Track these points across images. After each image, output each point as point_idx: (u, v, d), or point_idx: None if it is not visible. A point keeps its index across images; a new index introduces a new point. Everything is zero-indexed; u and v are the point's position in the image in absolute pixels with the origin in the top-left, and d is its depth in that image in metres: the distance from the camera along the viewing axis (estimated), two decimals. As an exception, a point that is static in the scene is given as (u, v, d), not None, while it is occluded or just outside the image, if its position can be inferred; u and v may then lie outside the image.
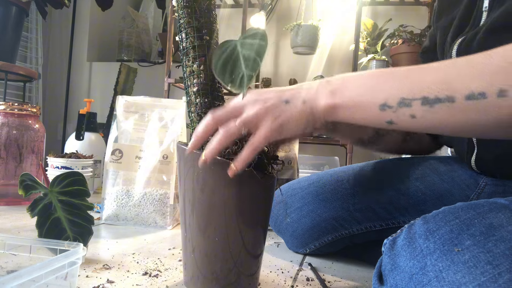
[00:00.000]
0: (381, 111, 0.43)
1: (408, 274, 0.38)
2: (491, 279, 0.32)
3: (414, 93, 0.40)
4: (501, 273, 0.32)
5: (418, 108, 0.40)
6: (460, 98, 0.38)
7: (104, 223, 0.97)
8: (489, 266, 0.33)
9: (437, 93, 0.39)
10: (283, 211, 0.81)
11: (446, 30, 0.68)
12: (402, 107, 0.41)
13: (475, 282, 0.33)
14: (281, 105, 0.48)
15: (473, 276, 0.33)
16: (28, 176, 0.61)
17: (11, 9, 1.55)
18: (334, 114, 0.46)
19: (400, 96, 0.41)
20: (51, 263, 0.42)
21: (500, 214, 0.38)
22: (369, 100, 0.43)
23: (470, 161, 0.67)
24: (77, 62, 2.38)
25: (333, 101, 0.46)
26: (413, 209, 0.71)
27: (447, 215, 0.40)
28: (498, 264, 0.33)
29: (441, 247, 0.37)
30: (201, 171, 0.52)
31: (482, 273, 0.33)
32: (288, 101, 0.48)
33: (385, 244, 0.44)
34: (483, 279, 0.32)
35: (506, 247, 0.34)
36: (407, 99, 0.41)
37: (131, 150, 0.99)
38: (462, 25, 0.63)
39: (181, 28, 0.55)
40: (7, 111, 1.15)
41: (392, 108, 0.42)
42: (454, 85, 0.38)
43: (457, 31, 0.64)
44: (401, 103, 0.41)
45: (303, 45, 1.85)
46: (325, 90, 0.46)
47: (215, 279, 0.53)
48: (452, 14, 0.68)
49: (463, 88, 0.37)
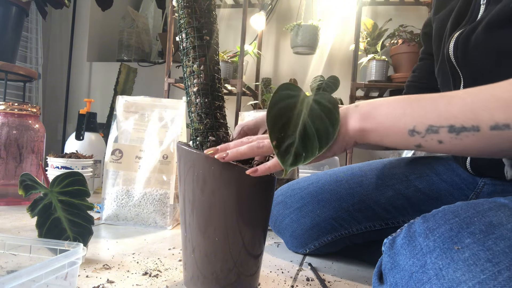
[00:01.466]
0: (410, 136, 0.45)
1: (408, 273, 0.38)
2: (490, 276, 0.32)
3: (441, 122, 0.43)
4: (500, 271, 0.32)
5: (445, 135, 0.43)
6: (485, 128, 0.40)
7: (104, 223, 0.97)
8: (488, 264, 0.33)
9: (463, 122, 0.41)
10: (282, 211, 0.81)
11: (444, 22, 0.68)
12: (430, 133, 0.44)
13: (475, 280, 0.33)
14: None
15: (473, 274, 0.33)
16: (28, 176, 0.61)
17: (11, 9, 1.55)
18: (364, 137, 0.49)
19: (428, 123, 0.44)
20: (51, 263, 0.43)
21: (499, 212, 0.39)
22: (400, 125, 0.46)
23: (465, 164, 0.67)
24: (77, 62, 2.38)
25: (364, 126, 0.48)
26: (412, 209, 0.71)
27: (446, 214, 0.40)
28: (498, 262, 0.33)
29: (441, 245, 0.37)
30: (201, 171, 0.52)
31: (482, 270, 0.33)
32: None
33: (385, 243, 0.44)
34: (483, 277, 0.33)
35: (506, 245, 0.34)
36: (434, 126, 0.43)
37: (131, 150, 0.99)
38: (460, 17, 0.63)
39: (181, 28, 0.55)
40: (7, 111, 1.15)
41: (421, 134, 0.44)
42: (480, 116, 0.40)
43: (455, 23, 0.64)
44: (429, 130, 0.44)
45: (303, 45, 1.85)
46: (355, 115, 0.49)
47: (215, 279, 0.53)
48: (450, 6, 0.68)
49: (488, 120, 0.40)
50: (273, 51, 2.18)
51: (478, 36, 0.57)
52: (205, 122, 0.55)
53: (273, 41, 2.18)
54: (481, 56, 0.56)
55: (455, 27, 0.63)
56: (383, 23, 1.76)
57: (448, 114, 0.42)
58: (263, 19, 1.95)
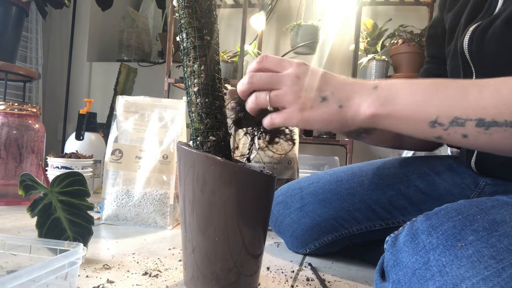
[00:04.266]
0: (431, 127, 0.41)
1: (411, 270, 0.38)
2: (494, 273, 0.32)
3: (468, 113, 0.39)
4: (504, 268, 0.32)
5: (471, 128, 0.39)
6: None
7: (104, 223, 0.97)
8: (492, 261, 0.33)
9: (494, 116, 0.38)
10: (283, 211, 0.81)
11: (458, 15, 0.65)
12: (455, 126, 0.40)
13: (479, 276, 0.33)
14: (316, 100, 0.46)
15: (476, 271, 0.33)
16: (28, 176, 0.61)
17: (11, 9, 1.55)
18: (375, 123, 0.45)
19: (453, 115, 0.40)
20: (51, 263, 0.42)
21: (502, 210, 0.38)
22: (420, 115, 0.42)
23: (470, 163, 0.67)
24: (77, 62, 2.38)
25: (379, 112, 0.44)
26: (413, 208, 0.71)
27: (449, 212, 0.40)
28: (502, 258, 0.33)
29: (444, 243, 0.37)
30: (201, 171, 0.52)
31: (486, 267, 0.33)
32: (325, 98, 0.46)
33: (387, 241, 0.44)
34: (486, 273, 0.33)
35: (510, 242, 0.34)
36: (461, 118, 0.40)
37: (131, 150, 0.99)
38: (476, 10, 0.60)
39: (182, 28, 0.55)
40: (7, 111, 1.15)
41: (444, 126, 0.41)
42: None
43: (470, 16, 0.61)
44: (453, 122, 0.40)
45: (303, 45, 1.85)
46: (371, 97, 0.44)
47: (215, 279, 0.53)
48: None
49: None
50: (273, 51, 2.18)
51: (495, 30, 0.54)
52: (205, 122, 0.55)
53: (273, 41, 2.18)
54: (497, 51, 0.54)
55: (471, 20, 0.60)
56: (383, 23, 1.76)
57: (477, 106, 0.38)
58: (263, 19, 1.95)
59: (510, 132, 0.38)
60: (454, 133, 0.40)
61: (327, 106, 0.46)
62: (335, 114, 0.46)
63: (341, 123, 0.46)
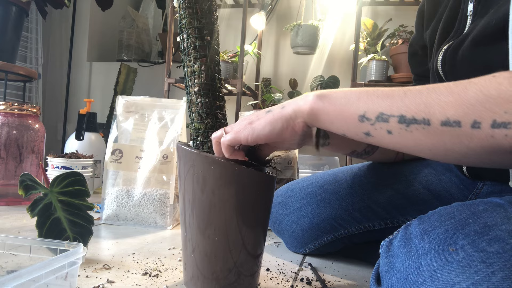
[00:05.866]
0: (360, 122, 0.44)
1: (404, 275, 0.38)
2: (484, 277, 0.32)
3: (392, 110, 0.41)
4: (494, 272, 0.32)
5: (394, 124, 0.41)
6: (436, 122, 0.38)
7: (104, 223, 0.97)
8: (482, 265, 0.33)
9: (414, 113, 0.40)
10: (282, 211, 0.81)
11: (434, 33, 0.67)
12: (380, 121, 0.42)
13: (469, 281, 0.33)
14: (261, 114, 0.51)
15: (467, 275, 0.33)
16: (28, 176, 0.61)
17: (11, 9, 1.55)
18: (315, 119, 0.47)
19: (379, 111, 0.42)
20: (51, 263, 0.43)
21: (494, 213, 0.38)
22: (350, 109, 0.45)
23: (462, 168, 0.67)
24: (77, 62, 2.38)
25: (316, 105, 0.47)
26: (412, 208, 0.71)
27: (442, 215, 0.41)
28: (492, 263, 0.33)
29: (436, 247, 0.37)
30: (201, 171, 0.52)
31: (476, 272, 0.33)
32: (270, 110, 0.50)
33: (382, 245, 0.44)
34: (476, 278, 0.33)
35: (500, 246, 0.34)
36: (385, 114, 0.42)
37: (131, 150, 0.99)
38: (449, 28, 0.62)
39: (182, 29, 0.55)
40: (7, 111, 1.15)
41: (371, 121, 0.43)
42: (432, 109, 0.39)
43: (443, 35, 0.63)
44: (379, 118, 0.42)
45: (303, 45, 1.85)
46: (310, 96, 0.48)
47: (215, 279, 0.53)
48: (439, 14, 0.67)
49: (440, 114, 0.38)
50: (273, 51, 2.18)
51: (464, 50, 0.56)
52: (205, 122, 0.55)
53: (273, 41, 2.18)
54: (468, 70, 0.55)
55: (444, 39, 0.62)
56: (383, 23, 1.76)
57: (401, 104, 0.41)
58: (263, 19, 1.95)
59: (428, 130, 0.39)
60: (380, 129, 0.43)
61: (272, 113, 0.50)
62: (278, 113, 0.49)
63: (285, 120, 0.49)
